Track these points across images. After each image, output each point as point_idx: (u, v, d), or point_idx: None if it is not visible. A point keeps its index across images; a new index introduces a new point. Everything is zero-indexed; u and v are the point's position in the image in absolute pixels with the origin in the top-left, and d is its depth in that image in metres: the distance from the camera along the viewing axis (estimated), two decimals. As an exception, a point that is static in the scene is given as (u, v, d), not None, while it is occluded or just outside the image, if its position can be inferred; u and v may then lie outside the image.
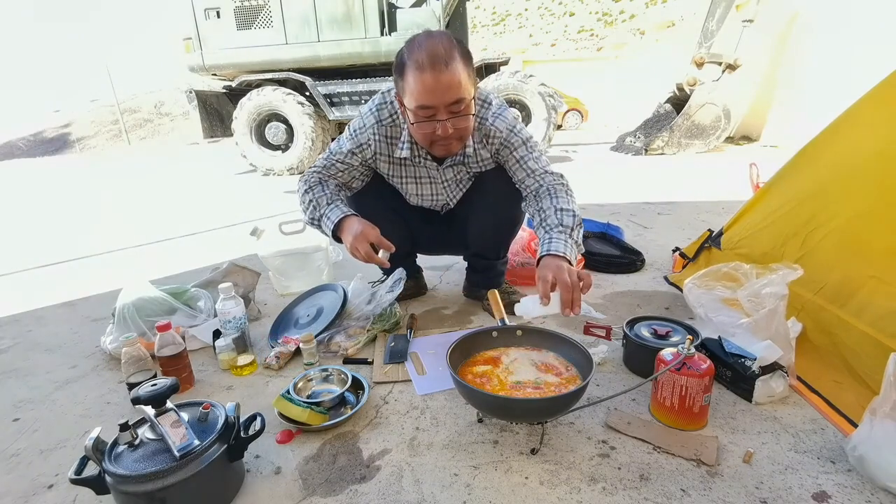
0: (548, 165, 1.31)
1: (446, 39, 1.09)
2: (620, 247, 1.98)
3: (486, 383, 0.98)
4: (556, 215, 1.20)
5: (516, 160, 1.30)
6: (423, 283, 1.78)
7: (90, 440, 0.74)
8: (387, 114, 1.30)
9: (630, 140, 6.73)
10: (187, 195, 5.11)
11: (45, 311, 1.83)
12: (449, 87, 1.07)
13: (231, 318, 1.29)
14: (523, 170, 1.30)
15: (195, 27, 5.52)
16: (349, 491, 0.84)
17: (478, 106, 1.26)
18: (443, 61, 1.05)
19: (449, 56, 1.06)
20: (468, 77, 1.10)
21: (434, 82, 1.06)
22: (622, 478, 0.84)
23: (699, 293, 1.25)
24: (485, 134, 1.29)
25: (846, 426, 0.92)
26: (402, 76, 1.11)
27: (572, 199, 1.26)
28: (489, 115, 1.28)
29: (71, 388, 1.24)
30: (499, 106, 1.31)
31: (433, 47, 1.06)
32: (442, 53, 1.05)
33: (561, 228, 1.17)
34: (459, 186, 1.43)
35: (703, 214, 2.78)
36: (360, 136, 1.32)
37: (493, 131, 1.28)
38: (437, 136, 1.14)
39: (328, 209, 1.30)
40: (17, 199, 5.98)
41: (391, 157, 1.35)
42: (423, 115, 1.12)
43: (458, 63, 1.07)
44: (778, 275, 1.09)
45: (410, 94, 1.10)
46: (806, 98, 5.98)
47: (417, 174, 1.40)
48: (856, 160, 1.22)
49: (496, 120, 1.28)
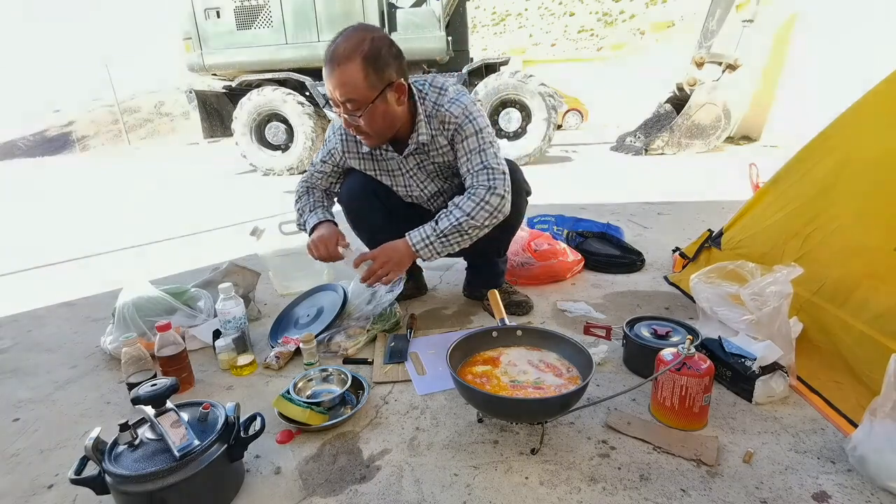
0: (493, 160, 1.25)
1: (356, 41, 1.11)
2: (620, 247, 1.98)
3: (486, 383, 0.98)
4: (446, 211, 1.24)
5: (464, 151, 1.27)
6: (423, 283, 1.78)
7: (90, 440, 0.74)
8: None
9: (630, 140, 6.73)
10: (187, 195, 5.11)
11: (45, 311, 1.83)
12: (340, 85, 1.12)
13: (231, 318, 1.29)
14: (466, 162, 1.27)
15: (195, 27, 5.51)
16: (349, 491, 0.84)
17: (434, 94, 1.28)
18: (339, 61, 1.10)
19: (348, 57, 1.09)
20: (367, 81, 1.11)
21: (328, 77, 1.13)
22: (622, 478, 0.84)
23: (704, 287, 1.25)
24: (441, 120, 1.27)
25: (846, 426, 0.92)
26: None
27: (481, 206, 1.21)
28: (444, 101, 1.27)
29: (71, 388, 1.24)
30: (457, 92, 1.30)
31: (338, 45, 1.11)
32: (341, 53, 1.10)
33: (434, 224, 1.23)
34: (430, 178, 1.41)
35: (703, 214, 2.78)
36: (328, 143, 1.43)
37: (449, 116, 1.26)
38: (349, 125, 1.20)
39: (309, 216, 1.40)
40: (17, 199, 5.98)
41: (359, 153, 1.39)
42: (331, 103, 1.19)
43: (355, 66, 1.10)
44: (782, 273, 1.09)
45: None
46: (806, 98, 5.98)
47: (387, 167, 1.41)
48: (857, 161, 1.22)
49: (452, 105, 1.26)
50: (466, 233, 1.22)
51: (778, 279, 1.09)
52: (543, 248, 1.78)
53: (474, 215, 1.21)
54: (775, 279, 1.09)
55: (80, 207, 4.72)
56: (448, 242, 1.23)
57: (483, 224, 1.23)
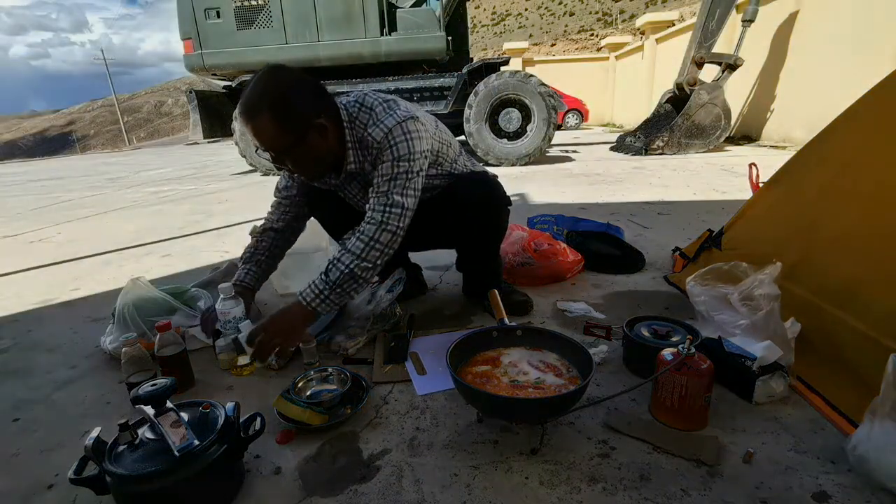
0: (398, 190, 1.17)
1: (261, 91, 1.08)
2: (620, 247, 1.98)
3: (486, 383, 0.98)
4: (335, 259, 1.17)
5: (377, 175, 1.19)
6: (423, 283, 1.78)
7: (90, 440, 0.74)
8: None
9: (630, 140, 6.73)
10: (187, 195, 5.11)
11: (45, 311, 1.83)
12: (255, 136, 1.12)
13: (231, 318, 1.29)
14: (375, 187, 1.19)
15: (195, 27, 5.51)
16: (349, 491, 0.84)
17: (365, 115, 1.20)
18: (249, 113, 1.09)
19: (256, 109, 1.08)
20: (281, 129, 1.09)
21: (247, 128, 1.12)
22: (622, 478, 0.84)
23: (700, 291, 1.25)
24: (364, 145, 1.21)
25: (846, 426, 0.92)
26: None
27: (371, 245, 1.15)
28: (370, 124, 1.19)
29: (71, 388, 1.24)
30: (385, 111, 1.19)
31: (247, 96, 1.10)
32: (250, 105, 1.09)
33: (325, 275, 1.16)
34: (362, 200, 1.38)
35: (703, 214, 2.78)
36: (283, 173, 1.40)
37: (371, 142, 1.19)
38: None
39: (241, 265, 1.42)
40: (17, 198, 5.98)
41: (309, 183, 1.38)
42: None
43: (265, 118, 1.08)
44: (765, 274, 1.10)
45: None
46: (806, 97, 5.98)
47: (337, 190, 1.40)
48: (859, 162, 1.21)
49: (374, 129, 1.18)
50: (360, 277, 1.16)
51: (763, 281, 1.09)
52: (543, 248, 1.78)
53: (365, 256, 1.14)
54: (760, 282, 1.10)
55: (79, 207, 4.72)
56: (344, 291, 1.16)
57: (376, 263, 1.17)
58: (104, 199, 5.23)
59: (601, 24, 21.17)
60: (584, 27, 21.39)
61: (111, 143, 21.44)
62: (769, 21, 6.57)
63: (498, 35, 23.42)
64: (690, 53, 6.32)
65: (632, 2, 20.67)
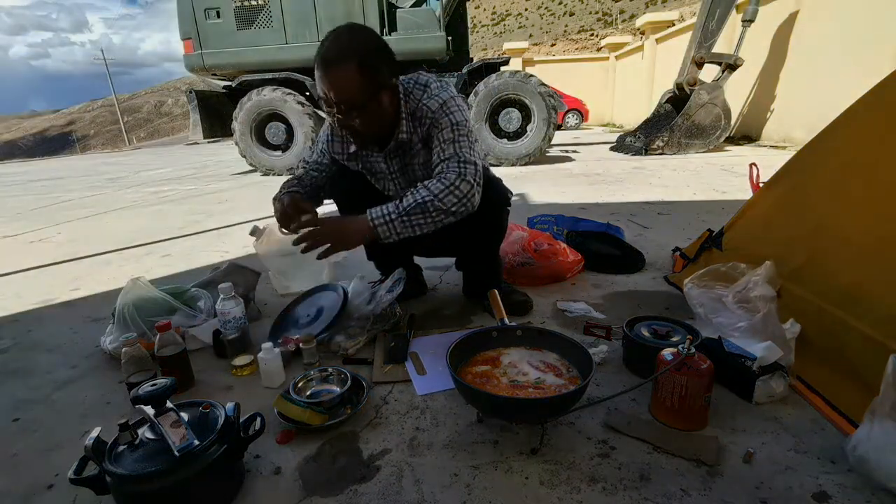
0: (466, 151, 1.20)
1: (349, 42, 1.12)
2: (620, 247, 1.98)
3: (486, 383, 0.98)
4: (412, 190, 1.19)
5: (438, 141, 1.22)
6: (423, 283, 1.78)
7: (90, 440, 0.74)
8: None
9: (630, 140, 6.73)
10: (187, 195, 5.11)
11: (45, 311, 1.83)
12: (330, 85, 1.13)
13: (231, 318, 1.29)
14: (439, 152, 1.22)
15: (195, 27, 5.52)
16: (349, 491, 0.84)
17: (419, 91, 1.27)
18: (327, 62, 1.11)
19: (343, 59, 1.10)
20: (360, 83, 1.12)
21: (322, 78, 1.13)
22: (622, 478, 0.84)
23: (699, 293, 1.25)
24: (417, 116, 1.27)
25: (846, 426, 0.92)
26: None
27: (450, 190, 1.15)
28: (423, 97, 1.25)
29: (71, 388, 1.24)
30: (439, 88, 1.27)
31: (331, 46, 1.12)
32: (334, 55, 1.10)
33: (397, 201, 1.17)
34: (410, 182, 1.40)
35: (703, 214, 2.78)
36: (319, 142, 1.44)
37: (425, 111, 1.24)
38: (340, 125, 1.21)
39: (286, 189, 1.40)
40: (17, 198, 5.98)
41: (345, 153, 1.40)
42: (324, 106, 1.20)
43: (350, 68, 1.10)
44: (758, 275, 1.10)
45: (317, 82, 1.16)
46: (806, 97, 5.98)
47: (372, 169, 1.41)
48: (862, 162, 1.21)
49: (430, 100, 1.24)
50: (430, 215, 1.15)
51: (757, 283, 1.09)
52: (543, 248, 1.78)
53: (442, 198, 1.14)
54: (755, 283, 1.10)
55: (79, 207, 4.72)
56: (410, 223, 1.15)
57: (450, 209, 1.15)
58: (104, 199, 5.23)
59: (601, 24, 21.18)
60: (584, 27, 21.40)
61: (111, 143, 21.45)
62: (769, 21, 6.57)
63: (498, 35, 23.42)
64: (690, 53, 6.32)
65: (632, 2, 20.67)
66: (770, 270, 1.12)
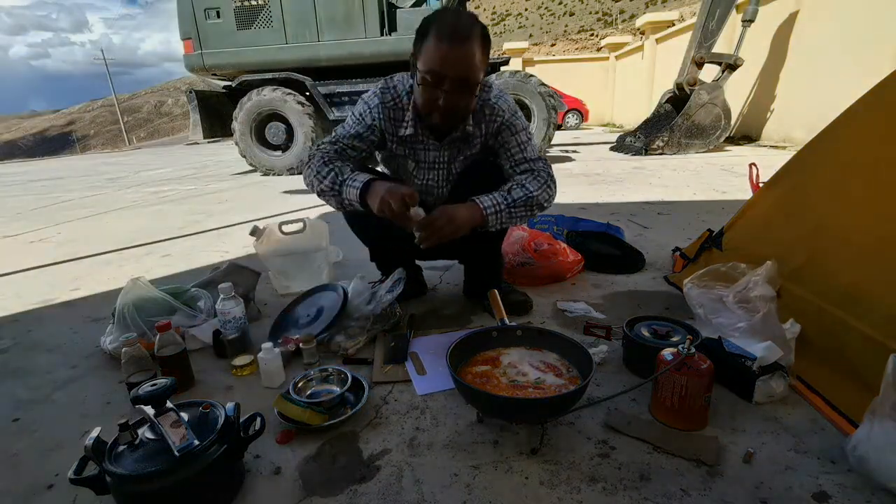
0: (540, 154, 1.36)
1: (472, 20, 1.14)
2: (620, 247, 1.98)
3: (486, 383, 0.98)
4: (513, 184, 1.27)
5: (517, 143, 1.33)
6: (423, 283, 1.78)
7: (90, 440, 0.74)
8: (389, 97, 1.34)
9: (630, 140, 6.73)
10: (187, 195, 5.11)
11: (45, 311, 1.83)
12: (458, 61, 1.12)
13: (231, 318, 1.29)
14: (520, 152, 1.34)
15: (195, 27, 5.52)
16: (349, 491, 0.84)
17: (486, 88, 1.32)
18: (461, 37, 1.11)
19: (469, 34, 1.11)
20: (480, 61, 1.15)
21: (449, 53, 1.11)
22: (622, 478, 0.84)
23: (698, 293, 1.25)
24: (487, 112, 1.31)
25: (846, 426, 0.92)
26: (422, 39, 1.15)
27: (544, 188, 1.29)
28: (491, 96, 1.32)
29: (71, 388, 1.24)
30: (499, 90, 1.35)
31: (457, 22, 1.12)
32: (463, 30, 1.11)
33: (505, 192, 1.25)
34: (453, 173, 1.43)
35: (703, 214, 2.78)
36: (366, 118, 1.34)
37: (497, 110, 1.31)
38: (438, 104, 1.18)
39: (352, 174, 1.25)
40: (17, 198, 5.98)
41: (395, 135, 1.37)
42: (430, 80, 1.16)
43: (474, 44, 1.12)
44: (759, 275, 1.10)
45: (425, 57, 1.14)
46: (806, 97, 5.98)
47: (418, 156, 1.40)
48: (863, 163, 1.21)
49: (499, 100, 1.32)
50: (530, 209, 1.27)
51: (758, 282, 1.09)
52: (543, 248, 1.78)
53: (539, 195, 1.26)
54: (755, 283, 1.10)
55: (79, 207, 4.72)
56: (513, 215, 1.25)
57: (542, 204, 1.29)
58: (104, 199, 5.23)
59: (601, 24, 21.19)
60: (584, 27, 21.41)
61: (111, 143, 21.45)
62: (769, 21, 6.57)
63: (498, 35, 23.44)
64: (690, 53, 6.32)
65: (632, 2, 20.69)
66: (771, 270, 1.12)
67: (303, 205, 3.80)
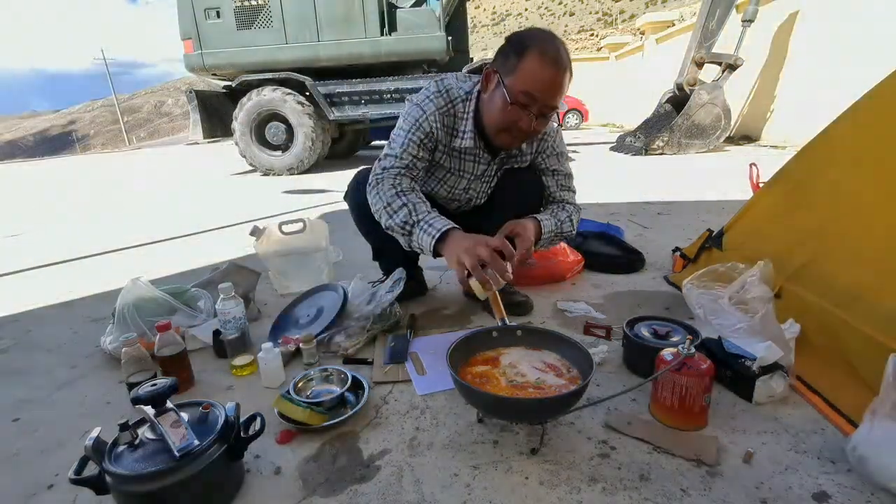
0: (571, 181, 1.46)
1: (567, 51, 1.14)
2: (620, 247, 1.98)
3: (486, 383, 0.98)
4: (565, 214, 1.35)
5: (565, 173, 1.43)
6: (423, 283, 1.78)
7: (90, 440, 0.74)
8: (443, 102, 1.27)
9: (630, 140, 6.73)
10: (187, 195, 5.11)
11: (44, 311, 1.83)
12: (558, 90, 1.13)
13: (231, 318, 1.29)
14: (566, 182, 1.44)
15: (195, 27, 5.52)
16: (349, 491, 0.84)
17: None
18: (564, 66, 1.11)
19: (569, 62, 1.12)
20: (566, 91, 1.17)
21: (551, 79, 1.11)
22: (622, 478, 0.83)
23: (698, 294, 1.25)
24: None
25: (846, 426, 0.92)
26: (519, 56, 1.10)
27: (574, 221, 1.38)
28: None
29: (71, 388, 1.24)
30: None
31: (560, 48, 1.12)
32: (565, 57, 1.11)
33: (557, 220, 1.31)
34: (487, 190, 1.47)
35: (703, 214, 2.78)
36: (423, 124, 1.26)
37: (549, 129, 1.35)
38: (519, 126, 1.16)
39: (428, 216, 1.16)
40: (18, 198, 5.99)
41: (448, 145, 1.32)
42: (521, 101, 1.12)
43: (568, 75, 1.13)
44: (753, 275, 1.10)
45: (522, 76, 1.10)
46: (806, 97, 5.98)
47: (464, 167, 1.38)
48: (864, 163, 1.21)
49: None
50: (562, 238, 1.35)
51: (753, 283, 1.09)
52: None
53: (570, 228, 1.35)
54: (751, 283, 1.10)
55: (79, 207, 4.72)
56: (551, 242, 1.33)
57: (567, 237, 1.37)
58: (104, 199, 5.23)
59: (601, 24, 21.19)
60: (584, 27, 21.42)
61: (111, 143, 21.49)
62: (769, 21, 6.57)
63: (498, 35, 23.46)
64: (691, 54, 6.32)
65: (632, 2, 20.70)
66: (766, 269, 1.12)
67: (303, 205, 3.81)
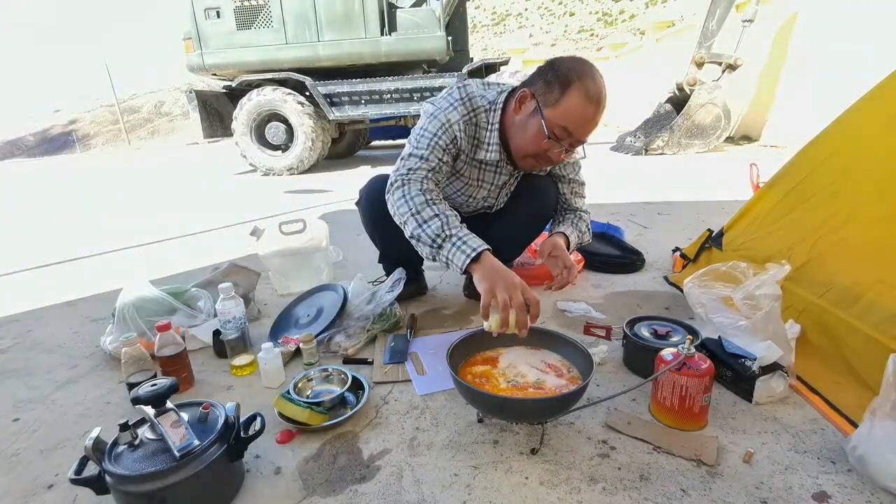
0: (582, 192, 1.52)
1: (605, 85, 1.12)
2: (620, 247, 1.98)
3: (486, 383, 0.98)
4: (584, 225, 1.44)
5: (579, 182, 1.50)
6: (423, 283, 1.78)
7: (90, 440, 0.74)
8: (466, 111, 1.24)
9: (630, 140, 6.73)
10: (187, 195, 5.11)
11: (45, 311, 1.83)
12: (594, 126, 1.14)
13: (231, 318, 1.29)
14: (581, 189, 1.51)
15: (195, 27, 5.51)
16: (349, 491, 0.84)
17: None
18: (603, 105, 1.11)
19: (605, 103, 1.12)
20: None
21: (592, 118, 1.11)
22: (622, 478, 0.84)
23: (699, 293, 1.25)
24: None
25: (846, 426, 0.92)
26: (563, 90, 1.09)
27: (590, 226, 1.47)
28: None
29: (71, 388, 1.24)
30: None
31: (602, 90, 1.10)
32: (604, 97, 1.11)
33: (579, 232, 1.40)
34: (504, 197, 1.49)
35: (703, 214, 2.78)
36: (448, 130, 1.23)
37: None
38: (548, 156, 1.19)
39: (461, 231, 1.09)
40: (18, 198, 5.98)
41: (471, 156, 1.31)
42: (557, 134, 1.13)
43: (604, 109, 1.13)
44: (769, 274, 1.10)
45: (564, 112, 1.10)
46: (806, 98, 5.98)
47: (486, 177, 1.38)
48: (864, 163, 1.21)
49: None
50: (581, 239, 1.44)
51: (766, 281, 1.09)
52: (543, 248, 1.78)
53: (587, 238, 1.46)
54: (763, 281, 1.10)
55: (79, 207, 4.72)
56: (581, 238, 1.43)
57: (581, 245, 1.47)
58: (104, 199, 5.23)
59: (601, 24, 21.18)
60: (584, 27, 21.40)
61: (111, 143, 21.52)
62: (769, 21, 6.57)
63: (498, 35, 23.45)
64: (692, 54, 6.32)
65: (632, 2, 20.69)
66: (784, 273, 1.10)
67: (303, 205, 3.81)
